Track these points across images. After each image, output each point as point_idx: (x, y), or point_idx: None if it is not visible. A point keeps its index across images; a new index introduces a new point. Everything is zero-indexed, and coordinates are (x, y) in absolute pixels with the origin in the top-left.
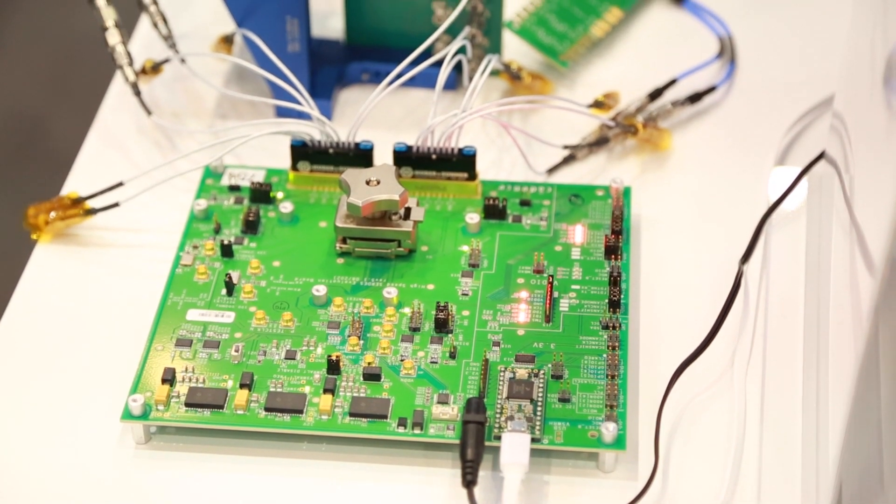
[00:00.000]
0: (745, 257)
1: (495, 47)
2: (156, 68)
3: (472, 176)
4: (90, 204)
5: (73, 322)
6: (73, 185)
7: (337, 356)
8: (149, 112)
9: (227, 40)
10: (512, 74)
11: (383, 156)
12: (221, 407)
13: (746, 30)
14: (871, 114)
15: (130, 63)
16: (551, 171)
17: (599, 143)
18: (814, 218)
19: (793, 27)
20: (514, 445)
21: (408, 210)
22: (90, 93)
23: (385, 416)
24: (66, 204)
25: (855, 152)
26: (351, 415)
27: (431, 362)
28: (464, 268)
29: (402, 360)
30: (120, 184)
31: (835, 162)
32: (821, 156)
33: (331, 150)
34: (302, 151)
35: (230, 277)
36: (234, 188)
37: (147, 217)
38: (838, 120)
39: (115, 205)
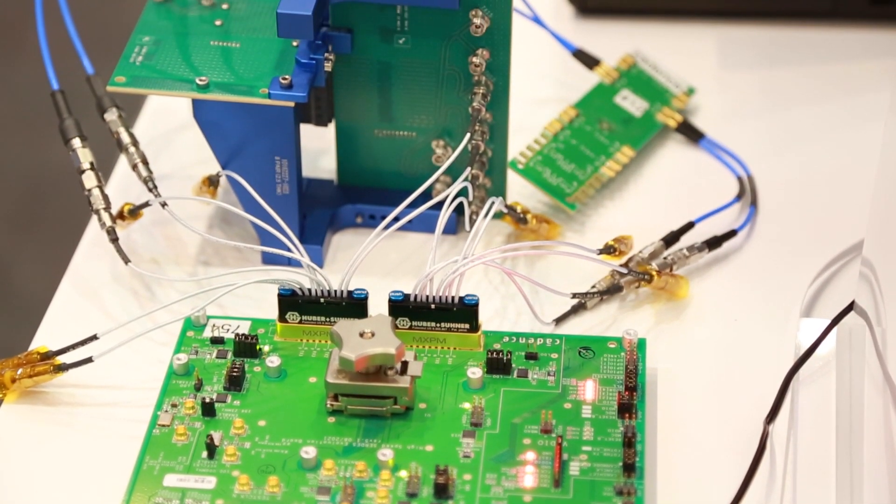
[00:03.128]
0: (771, 416)
1: (499, 189)
2: (134, 213)
3: (474, 327)
4: (61, 359)
5: (40, 489)
6: (43, 339)
7: None
8: (126, 260)
9: (212, 182)
10: (516, 218)
11: (378, 305)
12: None
13: (768, 170)
14: None
15: (107, 207)
16: (559, 321)
17: (611, 291)
18: (844, 374)
19: (817, 167)
20: None
21: (405, 364)
22: (62, 237)
23: None
24: (34, 359)
25: (887, 303)
26: None
27: None
28: (465, 427)
29: None
30: (94, 337)
31: (865, 313)
32: (850, 306)
33: (322, 300)
34: (291, 301)
35: (211, 439)
36: (216, 341)
37: (122, 373)
38: (868, 268)
39: (89, 360)
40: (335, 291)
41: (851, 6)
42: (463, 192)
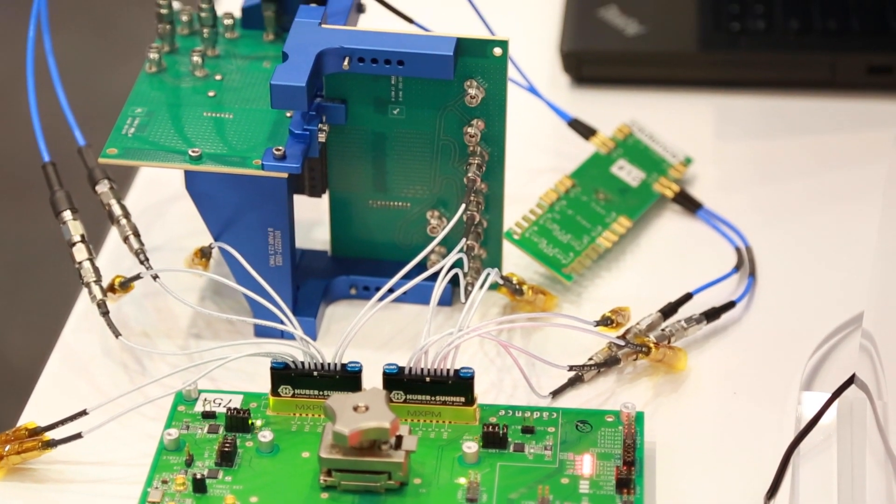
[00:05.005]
0: (772, 492)
1: (494, 260)
2: (125, 285)
3: (470, 400)
4: (50, 435)
5: None
6: (32, 414)
7: None
8: (117, 333)
9: (204, 254)
10: (512, 289)
11: (372, 379)
12: None
13: (766, 240)
14: None
15: (98, 280)
16: (556, 394)
17: (608, 363)
18: (845, 448)
19: (816, 238)
20: None
21: (399, 439)
22: (52, 310)
23: None
24: (22, 435)
25: (888, 376)
26: None
27: None
28: (461, 503)
29: None
30: (83, 412)
31: (866, 386)
32: (851, 379)
33: (315, 373)
34: (283, 374)
35: None
36: (208, 415)
37: (112, 449)
38: (868, 340)
39: (78, 436)
40: (329, 364)
41: (849, 76)
42: (458, 264)
